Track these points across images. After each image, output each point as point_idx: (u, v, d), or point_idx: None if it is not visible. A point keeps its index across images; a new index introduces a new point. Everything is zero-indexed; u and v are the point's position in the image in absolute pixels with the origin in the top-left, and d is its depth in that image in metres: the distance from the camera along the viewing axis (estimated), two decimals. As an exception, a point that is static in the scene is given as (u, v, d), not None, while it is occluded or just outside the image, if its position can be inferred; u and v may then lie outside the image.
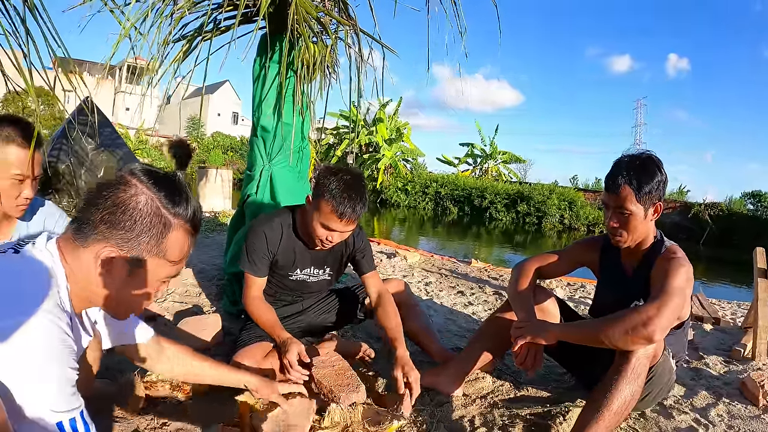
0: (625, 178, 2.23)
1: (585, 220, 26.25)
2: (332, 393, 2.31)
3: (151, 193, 1.30)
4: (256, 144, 3.69)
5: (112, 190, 1.28)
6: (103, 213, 1.26)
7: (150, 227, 1.29)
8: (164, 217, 1.31)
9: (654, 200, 2.26)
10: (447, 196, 30.51)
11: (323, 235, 2.52)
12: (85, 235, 1.28)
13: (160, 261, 1.34)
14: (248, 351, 2.58)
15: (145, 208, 1.28)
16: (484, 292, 5.13)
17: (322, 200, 2.44)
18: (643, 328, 1.99)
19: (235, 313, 3.54)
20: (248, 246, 2.70)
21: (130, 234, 1.27)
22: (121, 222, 1.26)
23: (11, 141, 2.04)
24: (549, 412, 2.43)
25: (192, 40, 3.76)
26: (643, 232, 2.34)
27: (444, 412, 2.43)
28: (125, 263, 1.29)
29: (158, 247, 1.32)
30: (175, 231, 1.33)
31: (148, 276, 1.34)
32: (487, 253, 15.39)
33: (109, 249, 1.27)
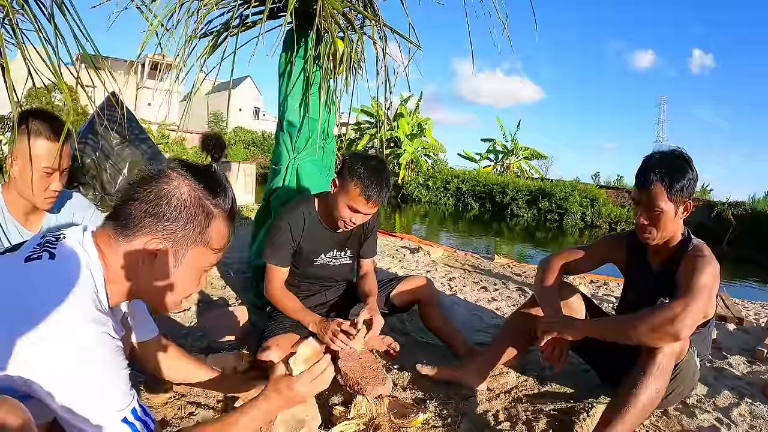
0: (656, 176, 2.22)
1: (607, 218, 25.96)
2: (358, 385, 2.33)
3: (193, 185, 1.34)
4: (282, 138, 3.72)
5: (154, 183, 1.31)
6: (147, 206, 1.29)
7: (194, 217, 1.33)
8: (206, 207, 1.35)
9: (685, 198, 2.25)
10: (468, 192, 30.37)
11: (348, 216, 2.62)
12: (129, 230, 1.30)
13: (204, 249, 1.38)
14: (276, 341, 2.63)
15: (189, 199, 1.32)
16: (507, 288, 5.12)
17: (350, 182, 2.55)
18: (669, 326, 1.99)
19: (261, 306, 3.57)
20: (271, 237, 2.78)
21: (175, 224, 1.31)
22: (167, 213, 1.29)
23: (40, 135, 2.08)
24: (573, 408, 2.43)
25: (218, 35, 3.79)
26: (672, 230, 2.33)
27: (469, 405, 2.44)
28: (172, 254, 1.33)
29: (202, 236, 1.35)
30: (216, 220, 1.38)
31: (193, 265, 1.38)
32: (509, 250, 15.32)
33: (156, 241, 1.30)
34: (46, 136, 2.09)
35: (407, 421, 2.16)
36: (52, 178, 2.14)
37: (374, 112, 31.08)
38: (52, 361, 1.08)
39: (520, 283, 5.41)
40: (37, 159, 2.08)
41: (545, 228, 24.95)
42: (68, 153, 2.19)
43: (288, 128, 3.66)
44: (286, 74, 3.63)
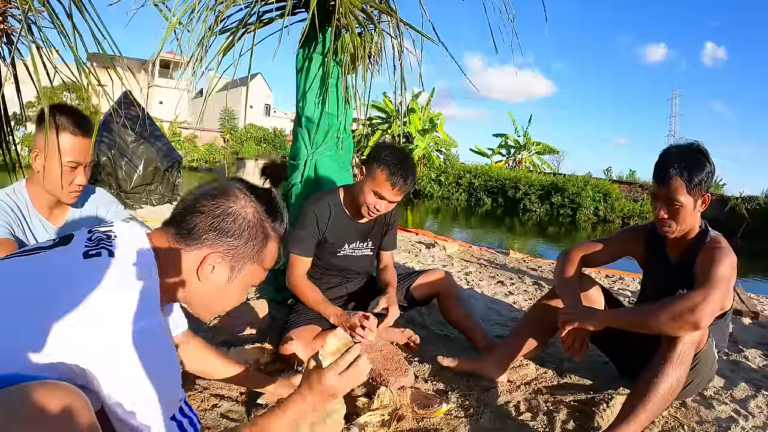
0: (675, 170, 2.22)
1: (620, 212, 25.87)
2: (381, 377, 2.35)
3: (256, 206, 1.41)
4: (300, 134, 3.74)
5: (222, 200, 1.37)
6: (213, 220, 1.34)
7: (255, 236, 1.39)
8: (266, 229, 1.42)
9: (703, 191, 2.25)
10: (480, 187, 30.34)
11: (373, 203, 2.69)
12: (192, 240, 1.35)
13: (258, 268, 1.44)
14: (298, 332, 2.66)
15: (253, 219, 1.39)
16: (523, 282, 5.13)
17: (376, 169, 2.63)
18: (689, 315, 2.00)
19: (280, 300, 3.61)
20: (297, 227, 2.84)
21: (238, 241, 1.37)
22: (231, 230, 1.36)
23: (64, 129, 2.10)
24: (593, 399, 2.44)
25: (235, 32, 3.81)
26: (690, 223, 2.33)
27: (490, 397, 2.46)
28: (229, 269, 1.39)
29: (259, 255, 1.42)
30: (272, 242, 1.45)
31: (244, 282, 1.44)
32: (522, 245, 15.29)
33: (217, 255, 1.35)
34: (70, 130, 2.11)
35: (430, 412, 2.18)
36: (76, 172, 2.16)
37: (385, 107, 31.10)
38: (109, 355, 1.10)
39: (536, 278, 5.41)
40: (62, 153, 2.10)
41: (558, 223, 24.89)
42: (92, 147, 2.22)
43: (306, 123, 3.68)
44: (304, 70, 3.64)
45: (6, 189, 2.22)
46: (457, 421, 2.20)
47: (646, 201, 26.14)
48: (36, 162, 2.14)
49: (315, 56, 3.60)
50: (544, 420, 2.26)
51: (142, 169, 9.10)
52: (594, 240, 2.78)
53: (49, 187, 2.17)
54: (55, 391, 0.98)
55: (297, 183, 3.70)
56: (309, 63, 3.61)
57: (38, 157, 2.12)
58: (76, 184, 2.18)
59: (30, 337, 1.07)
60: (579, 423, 2.26)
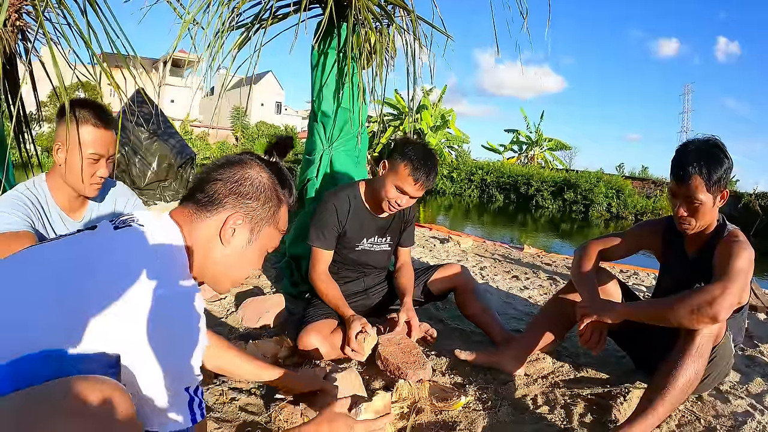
0: (695, 168, 2.19)
1: (633, 209, 25.71)
2: (399, 370, 2.36)
3: (269, 174, 1.50)
4: (316, 129, 3.75)
5: (238, 167, 1.45)
6: (232, 185, 1.42)
7: (270, 199, 1.47)
8: (278, 193, 1.50)
9: (722, 188, 2.23)
10: (493, 184, 30.30)
11: (394, 197, 2.70)
12: (212, 206, 1.41)
13: (274, 231, 1.51)
14: (316, 327, 2.67)
15: (268, 183, 1.47)
16: (538, 277, 5.12)
17: (400, 163, 2.64)
18: (708, 308, 2.00)
19: (296, 295, 3.63)
20: (317, 220, 2.85)
21: (256, 203, 1.44)
22: (250, 193, 1.43)
23: (86, 122, 2.12)
24: (609, 393, 2.44)
25: (250, 28, 3.83)
26: (709, 219, 2.32)
27: (508, 390, 2.46)
28: (249, 231, 1.44)
29: (274, 217, 1.49)
30: (283, 206, 1.52)
31: (262, 244, 1.49)
32: (534, 241, 15.25)
33: (238, 216, 1.41)
34: (92, 123, 2.13)
35: (449, 405, 2.19)
36: (98, 164, 2.17)
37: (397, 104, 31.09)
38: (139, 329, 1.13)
39: (551, 273, 5.40)
40: (84, 146, 2.11)
41: (571, 219, 24.80)
42: (114, 140, 2.23)
43: (322, 118, 3.70)
44: (319, 65, 3.65)
45: (26, 182, 2.23)
46: (475, 413, 2.21)
47: (659, 197, 26.02)
48: (58, 155, 2.15)
49: (330, 52, 3.61)
50: (561, 413, 2.27)
51: (156, 166, 9.13)
52: (611, 234, 2.77)
53: (71, 180, 2.18)
54: (96, 384, 1.00)
55: (313, 178, 3.71)
56: (325, 58, 3.63)
57: (60, 150, 2.14)
58: (98, 177, 2.19)
59: (65, 313, 1.11)
60: (596, 416, 2.26)
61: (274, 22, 3.72)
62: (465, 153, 35.25)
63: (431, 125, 31.17)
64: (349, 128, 3.70)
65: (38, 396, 0.97)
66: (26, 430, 0.89)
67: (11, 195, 2.16)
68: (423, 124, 30.69)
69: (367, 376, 2.51)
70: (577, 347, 3.05)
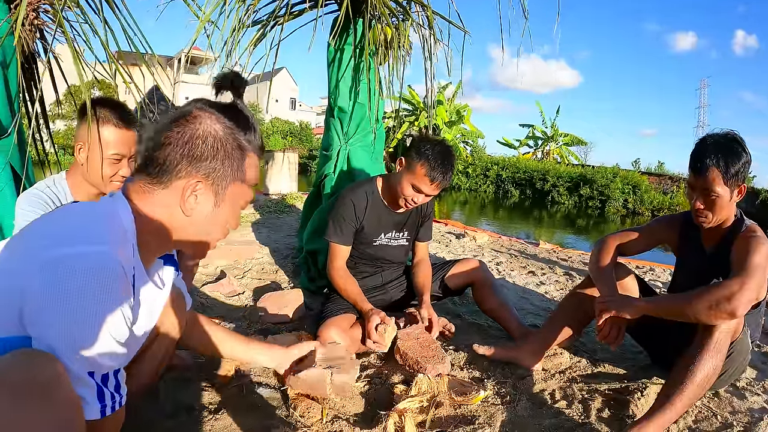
0: (712, 161, 2.19)
1: (649, 205, 25.47)
2: (418, 364, 2.37)
3: (224, 122, 1.34)
4: (332, 125, 3.77)
5: (185, 125, 1.29)
6: (183, 149, 1.26)
7: (231, 153, 1.32)
8: (240, 143, 1.35)
9: (739, 182, 2.22)
10: (508, 179, 30.18)
11: (410, 195, 2.72)
12: (165, 175, 1.27)
13: (241, 186, 1.38)
14: (334, 321, 2.69)
15: (224, 136, 1.32)
16: (554, 273, 5.10)
17: (417, 163, 2.64)
18: (726, 303, 1.99)
19: (313, 290, 3.65)
20: (335, 215, 2.87)
21: (215, 163, 1.29)
22: (205, 153, 1.28)
23: (108, 122, 2.14)
24: (627, 388, 2.44)
25: (266, 24, 3.84)
26: (726, 213, 2.31)
27: (525, 384, 2.47)
28: (213, 192, 1.32)
29: (239, 171, 1.35)
30: (250, 156, 1.39)
31: (232, 203, 1.37)
32: (550, 237, 15.20)
33: (196, 181, 1.28)
34: (114, 123, 2.15)
35: (467, 399, 2.20)
36: (120, 164, 2.20)
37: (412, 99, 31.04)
38: (43, 290, 1.05)
39: (567, 268, 5.38)
40: (106, 146, 2.15)
41: (587, 215, 24.64)
42: (135, 139, 2.25)
43: (339, 114, 3.71)
44: (336, 61, 3.66)
45: (46, 180, 2.27)
46: (493, 408, 2.22)
47: (675, 193, 25.79)
48: (80, 155, 2.18)
49: (347, 47, 3.62)
50: (579, 408, 2.27)
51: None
52: (629, 228, 2.76)
53: (92, 179, 2.21)
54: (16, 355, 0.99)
55: (330, 173, 3.73)
56: (341, 54, 3.64)
57: (82, 150, 2.17)
58: (120, 176, 2.22)
59: (3, 292, 1.07)
60: (614, 411, 2.26)
61: (290, 19, 3.73)
62: (480, 148, 35.14)
63: (446, 120, 31.09)
64: (366, 124, 3.71)
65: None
66: None
67: (31, 193, 2.19)
68: (438, 120, 30.60)
69: (386, 370, 2.53)
70: (594, 342, 3.05)
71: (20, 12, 2.39)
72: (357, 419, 2.08)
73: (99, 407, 1.10)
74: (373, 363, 2.63)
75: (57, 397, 0.96)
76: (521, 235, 14.97)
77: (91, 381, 1.08)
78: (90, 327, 1.07)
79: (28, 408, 0.90)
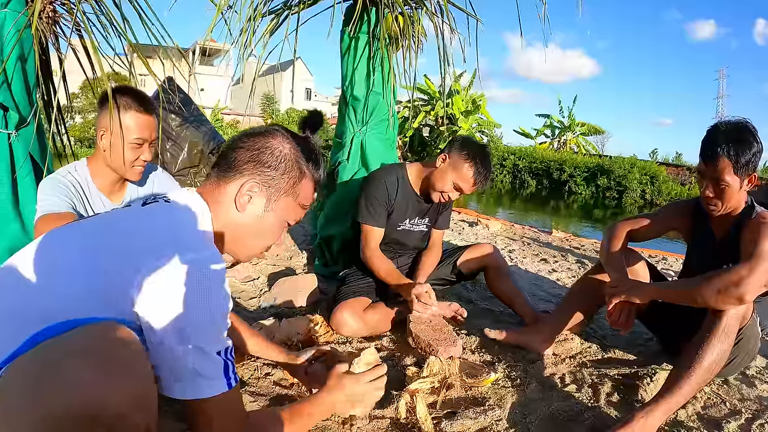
0: (723, 150, 2.19)
1: (667, 196, 25.14)
2: (430, 347, 2.41)
3: (293, 145, 1.49)
4: (346, 113, 3.79)
5: (261, 137, 1.47)
6: (251, 153, 1.44)
7: (290, 170, 1.47)
8: (301, 165, 1.49)
9: (750, 171, 2.22)
10: (525, 169, 29.96)
11: (449, 191, 2.78)
12: (231, 171, 1.44)
13: (293, 203, 1.51)
14: (348, 304, 2.75)
15: (290, 154, 1.47)
16: (566, 260, 5.12)
17: (464, 163, 2.72)
18: (734, 288, 2.01)
19: (327, 275, 3.70)
20: (368, 197, 2.92)
21: (274, 172, 1.45)
22: (268, 161, 1.44)
23: (129, 108, 2.20)
24: (636, 373, 2.46)
25: (280, 14, 3.86)
26: (736, 202, 2.31)
27: (536, 369, 2.50)
28: (266, 198, 1.46)
29: (294, 188, 1.49)
30: (307, 179, 1.52)
31: (281, 215, 1.49)
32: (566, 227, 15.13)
33: (253, 182, 1.43)
34: (135, 108, 2.21)
35: (478, 381, 2.23)
36: (142, 149, 2.26)
37: (427, 89, 30.91)
38: (169, 292, 1.16)
39: (580, 256, 5.39)
40: (128, 132, 2.20)
41: (604, 206, 24.41)
42: (155, 124, 2.31)
43: (353, 103, 3.73)
44: (351, 49, 3.67)
45: (67, 167, 2.32)
46: (504, 390, 2.25)
47: (693, 185, 25.48)
48: (102, 141, 2.23)
49: (361, 36, 3.63)
50: (588, 392, 2.29)
51: (187, 153, 9.24)
52: (640, 215, 2.77)
53: (115, 164, 2.26)
54: (102, 326, 1.07)
55: (344, 161, 3.76)
56: (355, 43, 3.65)
57: (104, 136, 2.22)
58: (142, 160, 2.28)
59: (96, 289, 1.16)
60: (623, 396, 2.29)
61: (304, 8, 3.75)
62: (497, 138, 34.92)
63: (462, 110, 30.91)
64: (380, 112, 3.73)
65: (48, 345, 1.03)
66: (38, 377, 0.95)
67: (53, 179, 2.25)
68: (454, 109, 30.42)
69: (398, 352, 2.58)
70: (605, 328, 3.08)
71: (36, 4, 2.44)
72: (370, 399, 2.12)
73: (225, 381, 1.25)
74: (386, 345, 2.68)
75: (135, 371, 1.04)
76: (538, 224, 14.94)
77: (218, 358, 1.24)
78: (223, 317, 1.25)
79: (110, 380, 0.97)
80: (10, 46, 2.54)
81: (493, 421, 1.98)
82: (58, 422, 0.91)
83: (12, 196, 2.68)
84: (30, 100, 2.72)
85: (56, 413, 0.91)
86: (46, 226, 2.00)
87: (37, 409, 0.91)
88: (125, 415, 0.97)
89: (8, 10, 2.55)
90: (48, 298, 1.16)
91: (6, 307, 1.16)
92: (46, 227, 1.93)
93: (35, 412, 0.91)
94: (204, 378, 1.21)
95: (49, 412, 0.91)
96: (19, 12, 2.58)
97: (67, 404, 0.91)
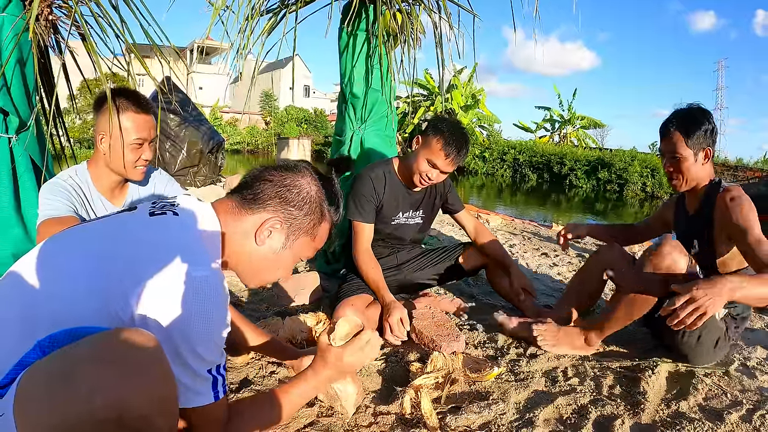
0: (673, 125, 2.47)
1: (668, 189, 25.04)
2: (433, 342, 2.42)
3: (320, 188, 1.53)
4: (346, 110, 3.79)
5: (290, 174, 1.49)
6: (278, 189, 1.46)
7: (313, 212, 1.51)
8: (323, 209, 1.54)
9: (703, 145, 2.44)
10: (525, 163, 29.93)
11: (425, 170, 2.77)
12: (255, 204, 1.45)
13: (309, 242, 1.54)
14: (351, 301, 2.76)
15: (315, 196, 1.51)
16: (567, 254, 5.13)
17: (432, 138, 2.73)
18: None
19: (330, 273, 3.71)
20: (355, 194, 2.92)
21: (298, 212, 1.48)
22: (294, 201, 1.47)
23: (126, 109, 2.20)
24: (638, 366, 2.49)
25: (277, 12, 3.86)
26: (696, 176, 2.49)
27: (538, 363, 2.50)
28: (285, 236, 1.48)
29: (313, 229, 1.53)
30: (326, 222, 1.56)
31: (295, 252, 1.53)
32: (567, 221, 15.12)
33: (277, 219, 1.45)
34: (132, 109, 2.21)
35: (482, 376, 2.24)
36: (142, 149, 2.27)
37: (427, 84, 30.90)
38: (171, 306, 1.17)
39: (580, 250, 5.40)
40: (127, 133, 2.20)
41: (605, 199, 24.37)
42: (154, 123, 2.32)
43: (351, 100, 3.73)
44: (349, 47, 3.67)
45: (68, 171, 2.32)
46: (507, 384, 2.26)
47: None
48: (102, 144, 2.23)
49: (359, 33, 3.63)
50: (591, 384, 2.31)
51: (186, 152, 9.24)
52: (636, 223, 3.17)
53: (116, 166, 2.27)
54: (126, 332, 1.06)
55: (343, 157, 3.76)
56: (354, 40, 3.65)
57: (104, 140, 2.22)
58: (143, 160, 2.28)
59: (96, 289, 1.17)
60: (625, 388, 2.30)
61: (302, 6, 3.74)
62: (496, 133, 34.87)
63: (462, 104, 30.88)
64: (379, 108, 3.73)
65: (66, 352, 1.03)
66: (59, 382, 0.95)
67: (54, 182, 2.25)
68: (454, 104, 30.38)
69: (402, 348, 2.59)
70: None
71: (34, 7, 2.45)
72: (375, 395, 2.14)
73: (213, 394, 1.27)
74: (389, 342, 2.68)
75: (156, 372, 1.05)
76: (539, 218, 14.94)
77: (208, 375, 1.25)
78: (221, 339, 1.27)
79: (132, 382, 0.98)
80: (8, 50, 2.55)
81: (497, 415, 1.99)
82: (82, 427, 0.92)
83: (14, 201, 2.69)
84: (30, 103, 2.73)
85: (80, 418, 0.92)
86: (48, 230, 2.01)
87: (61, 416, 0.92)
88: (148, 416, 0.99)
89: (6, 14, 2.56)
90: (55, 303, 1.16)
91: (14, 313, 1.17)
92: (48, 231, 1.94)
93: (59, 418, 0.92)
94: (192, 392, 1.24)
95: (73, 418, 0.92)
96: (17, 16, 2.58)
97: (90, 409, 0.92)
